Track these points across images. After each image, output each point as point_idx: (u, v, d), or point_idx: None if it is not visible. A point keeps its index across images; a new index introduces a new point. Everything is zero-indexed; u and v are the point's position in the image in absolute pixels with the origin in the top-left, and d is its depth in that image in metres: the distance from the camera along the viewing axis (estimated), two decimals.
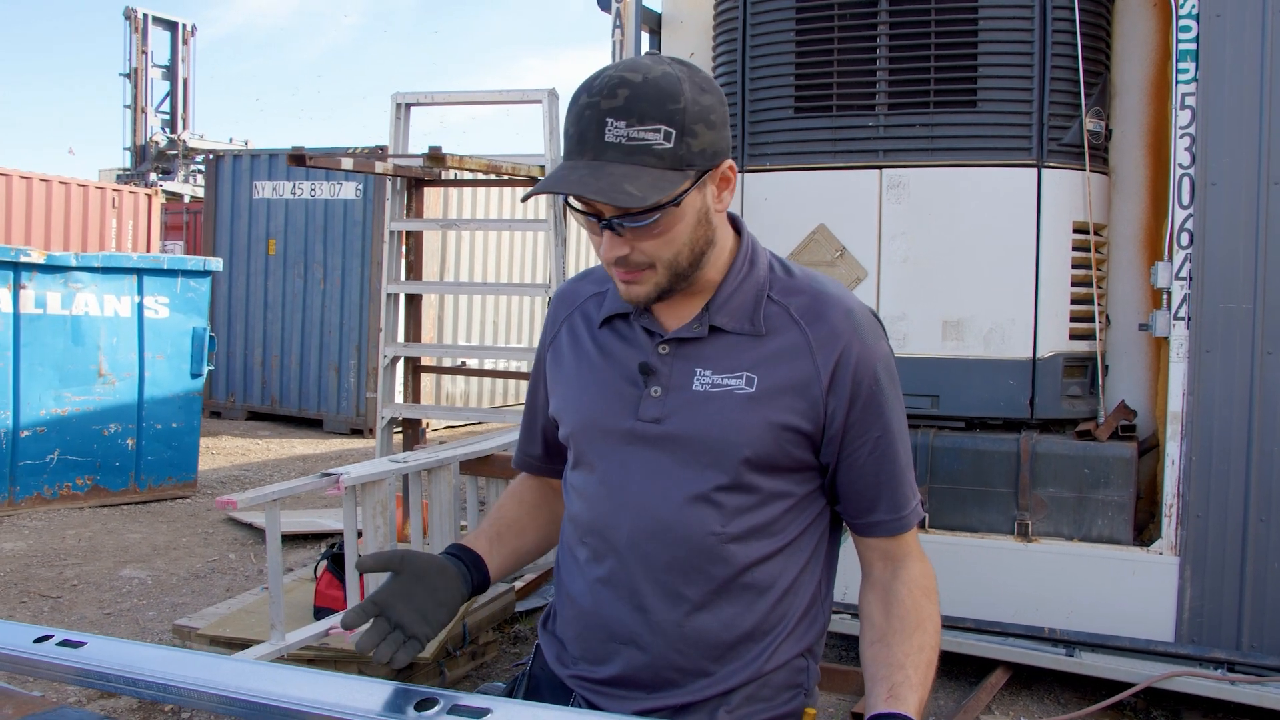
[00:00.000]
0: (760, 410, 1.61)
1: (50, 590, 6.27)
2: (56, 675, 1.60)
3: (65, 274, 8.12)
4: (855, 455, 1.66)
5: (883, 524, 1.70)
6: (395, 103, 6.27)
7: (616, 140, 1.48)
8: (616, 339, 1.72)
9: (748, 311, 1.65)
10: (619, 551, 1.67)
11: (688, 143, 1.50)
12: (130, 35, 25.18)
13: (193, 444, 9.04)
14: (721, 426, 1.61)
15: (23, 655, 1.62)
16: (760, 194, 5.43)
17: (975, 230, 5.00)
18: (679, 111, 1.49)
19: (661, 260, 1.57)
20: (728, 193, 1.61)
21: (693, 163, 1.51)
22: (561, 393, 1.78)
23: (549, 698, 1.76)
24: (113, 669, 1.55)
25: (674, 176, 1.50)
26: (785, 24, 5.31)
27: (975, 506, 5.06)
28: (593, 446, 1.71)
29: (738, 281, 1.67)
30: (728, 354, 1.64)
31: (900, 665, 1.57)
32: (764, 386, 1.61)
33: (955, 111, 5.01)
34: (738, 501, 1.63)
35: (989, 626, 4.90)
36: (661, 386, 1.65)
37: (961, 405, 5.10)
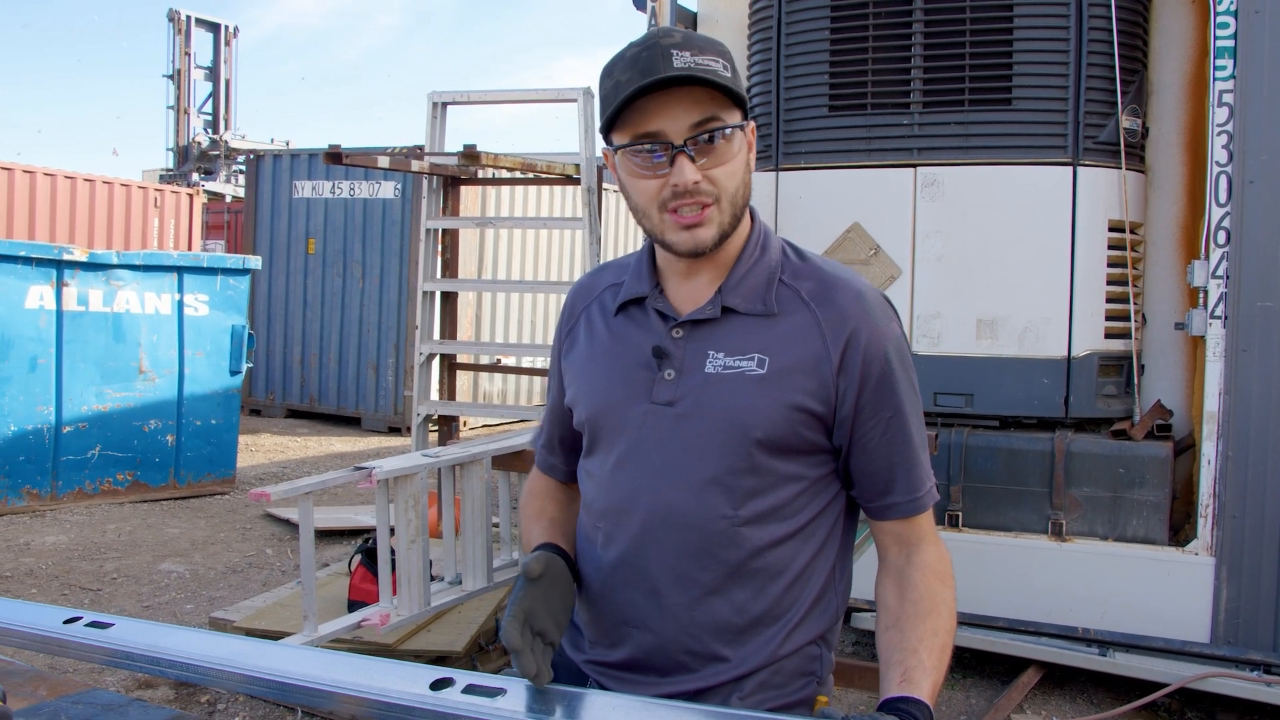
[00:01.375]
0: (771, 391, 1.61)
1: (90, 583, 6.35)
2: (85, 655, 1.64)
3: (107, 272, 8.23)
4: (868, 437, 1.66)
5: (897, 506, 1.69)
6: (432, 102, 6.31)
7: (686, 66, 1.53)
8: (631, 324, 1.73)
9: (760, 293, 1.66)
10: (631, 535, 1.68)
11: (737, 81, 1.58)
12: (173, 37, 25.45)
13: (231, 441, 9.14)
14: (733, 408, 1.61)
15: (53, 635, 1.67)
16: (794, 192, 5.43)
17: (1010, 229, 4.99)
18: (728, 54, 1.59)
19: (726, 191, 1.60)
20: (753, 155, 1.65)
21: (743, 105, 1.60)
22: (576, 380, 1.80)
23: (565, 682, 1.76)
24: (138, 648, 1.59)
25: (739, 97, 1.58)
26: (820, 23, 5.31)
27: (1009, 506, 5.04)
28: (606, 431, 1.72)
29: (750, 263, 1.68)
30: (740, 335, 1.65)
31: (914, 650, 1.57)
32: (775, 368, 1.62)
33: (990, 109, 5.00)
34: (750, 484, 1.63)
35: (1022, 626, 4.87)
36: (675, 369, 1.66)
37: (995, 404, 5.08)
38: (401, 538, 3.96)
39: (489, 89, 7.85)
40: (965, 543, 5.03)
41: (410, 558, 3.98)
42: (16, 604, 1.83)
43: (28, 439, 7.91)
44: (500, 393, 13.59)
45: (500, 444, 4.51)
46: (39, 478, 8.00)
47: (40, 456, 8.00)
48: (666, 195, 1.58)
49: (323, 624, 3.85)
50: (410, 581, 3.99)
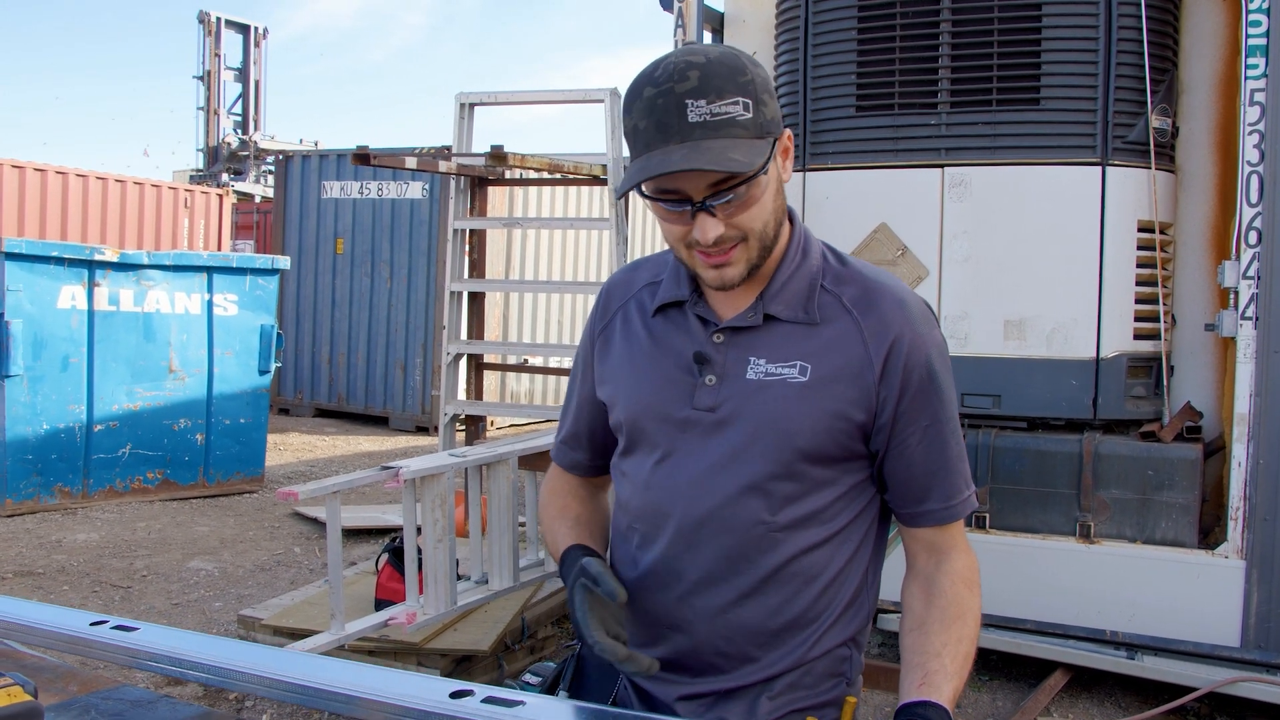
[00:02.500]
0: (814, 399, 1.61)
1: (121, 580, 6.41)
2: (110, 656, 1.67)
3: (138, 272, 8.30)
4: (906, 444, 1.65)
5: (932, 513, 1.69)
6: (459, 103, 6.33)
7: (701, 119, 1.50)
8: (671, 327, 1.72)
9: (801, 300, 1.65)
10: (668, 538, 1.68)
11: (762, 111, 1.53)
12: (204, 38, 25.63)
13: (260, 439, 9.20)
14: (775, 416, 1.61)
15: (81, 636, 1.71)
16: (822, 192, 5.42)
17: (1038, 229, 4.96)
18: (749, 83, 1.52)
19: (753, 231, 1.59)
20: (789, 162, 1.62)
21: (769, 130, 1.55)
22: (613, 380, 1.79)
23: (596, 680, 1.78)
24: (160, 650, 1.62)
25: (760, 145, 1.53)
26: (847, 23, 5.30)
27: (1037, 507, 5.02)
28: (646, 434, 1.72)
29: (791, 270, 1.67)
30: (782, 343, 1.64)
31: (936, 654, 1.57)
32: (817, 375, 1.61)
33: (1018, 109, 4.98)
34: (788, 490, 1.63)
35: (1049, 628, 4.85)
36: (716, 375, 1.65)
37: (1023, 405, 5.06)
38: (428, 537, 3.98)
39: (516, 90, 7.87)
40: (993, 544, 5.01)
41: (436, 557, 4.00)
42: (45, 607, 1.87)
43: (60, 437, 7.98)
44: (527, 393, 13.62)
45: (527, 444, 4.53)
46: (71, 476, 8.08)
47: (72, 455, 8.07)
48: (693, 239, 1.59)
49: (350, 622, 3.87)
50: (436, 580, 4.01)
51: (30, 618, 1.80)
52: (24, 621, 1.79)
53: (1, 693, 1.29)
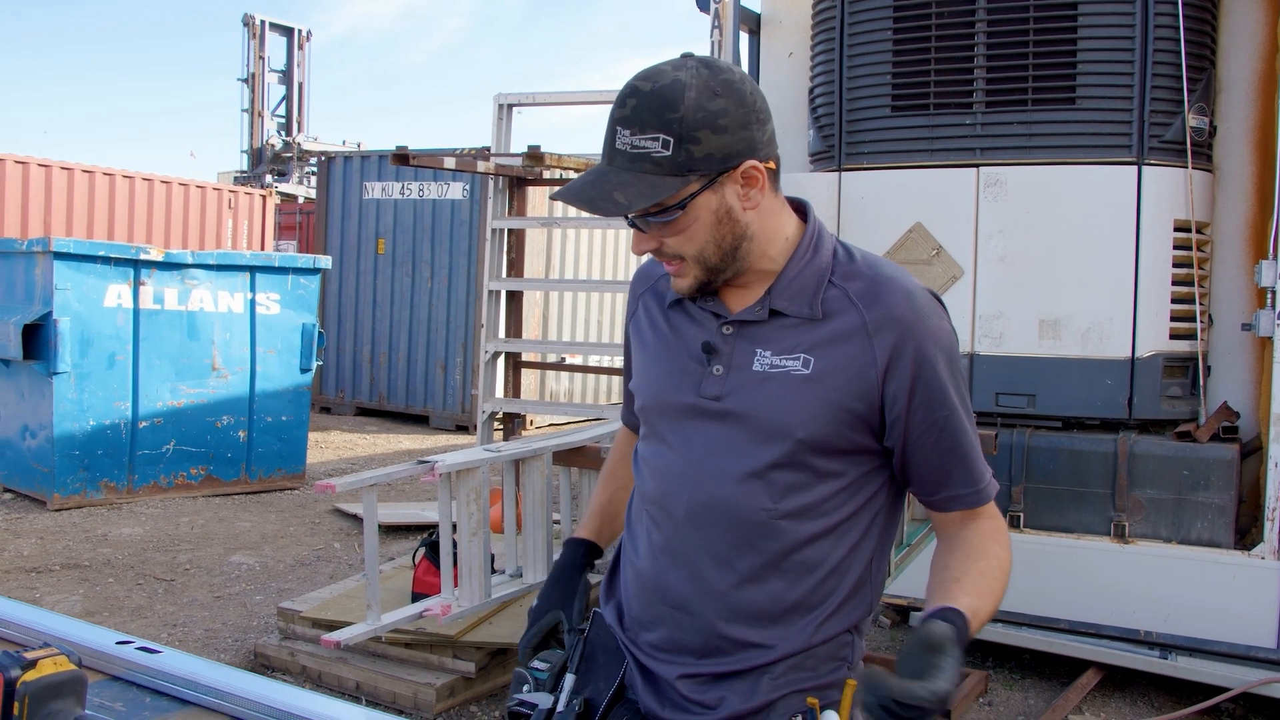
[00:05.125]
0: (815, 392, 1.64)
1: (164, 574, 6.51)
2: (132, 675, 1.78)
3: (182, 271, 8.42)
4: (923, 439, 1.67)
5: (960, 498, 1.71)
6: (497, 104, 6.40)
7: (623, 148, 1.57)
8: (685, 317, 1.77)
9: (807, 296, 1.68)
10: (677, 522, 1.73)
11: (688, 149, 1.55)
12: (248, 41, 25.88)
13: (301, 437, 9.31)
14: (777, 407, 1.65)
15: (106, 653, 1.82)
16: (857, 192, 5.44)
17: (1074, 228, 4.96)
18: (677, 120, 1.54)
19: (687, 254, 1.64)
20: (757, 191, 1.62)
21: (694, 168, 1.56)
22: (638, 368, 1.86)
23: (604, 662, 1.82)
24: (179, 673, 1.73)
25: (672, 182, 1.56)
26: (882, 23, 5.31)
27: (1071, 507, 5.02)
28: (659, 420, 1.78)
29: (800, 267, 1.70)
30: (787, 336, 1.67)
31: (956, 579, 1.62)
32: (820, 368, 1.64)
33: (1054, 108, 4.98)
34: (790, 479, 1.66)
35: (1082, 627, 4.85)
36: (723, 365, 1.69)
37: (1058, 405, 5.05)
38: (463, 530, 4.04)
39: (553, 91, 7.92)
40: (1027, 544, 5.01)
41: (471, 550, 4.05)
42: (74, 621, 1.99)
43: (105, 434, 8.12)
44: (566, 391, 13.69)
45: (561, 440, 4.58)
46: (116, 471, 8.21)
47: (118, 451, 8.21)
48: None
49: (386, 614, 3.94)
50: (471, 573, 4.07)
51: (61, 630, 1.91)
52: (54, 632, 1.89)
53: (48, 661, 1.35)
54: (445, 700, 4.54)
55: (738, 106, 1.58)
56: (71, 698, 1.36)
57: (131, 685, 1.79)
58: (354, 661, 4.74)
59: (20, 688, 1.31)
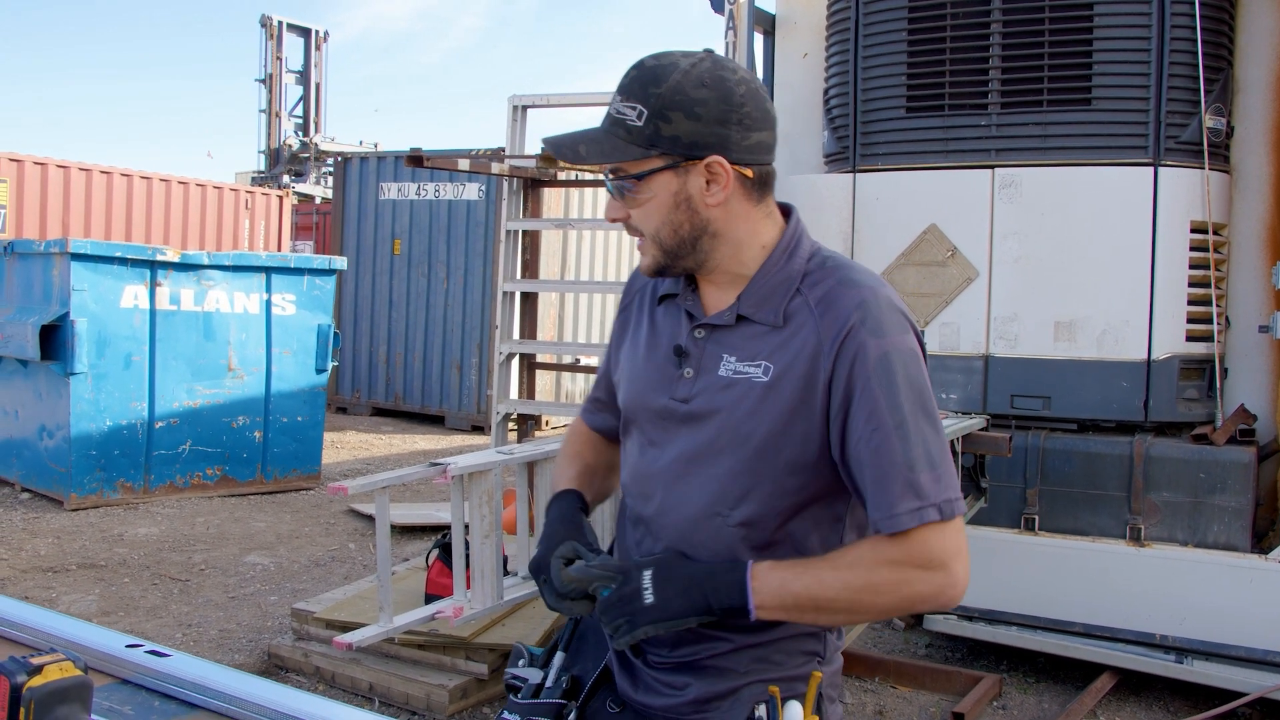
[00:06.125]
0: (772, 399, 1.65)
1: (180, 573, 6.53)
2: (140, 679, 1.79)
3: (198, 272, 8.44)
4: (856, 453, 1.62)
5: (874, 522, 1.62)
6: (511, 105, 6.40)
7: (610, 112, 1.66)
8: (668, 318, 1.81)
9: (773, 303, 1.69)
10: (649, 518, 1.77)
11: (657, 125, 1.61)
12: (266, 42, 25.95)
13: (317, 437, 9.33)
14: (736, 413, 1.67)
15: (116, 656, 1.84)
16: (872, 194, 5.43)
17: (1089, 230, 4.93)
18: (656, 95, 1.61)
19: (646, 231, 1.71)
20: (720, 189, 1.65)
21: (658, 144, 1.62)
22: (623, 363, 1.89)
23: (594, 642, 1.87)
24: (188, 677, 1.74)
25: (636, 151, 1.62)
26: (897, 24, 5.30)
27: (1087, 510, 4.99)
28: (636, 419, 1.82)
29: (770, 274, 1.71)
30: (751, 343, 1.69)
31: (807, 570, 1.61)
32: (777, 376, 1.65)
33: (1069, 109, 4.95)
34: (747, 486, 1.67)
35: (1098, 631, 4.82)
36: (693, 369, 1.72)
37: (1073, 407, 5.03)
38: (475, 532, 4.03)
39: (567, 92, 7.91)
40: (1042, 546, 4.99)
41: (484, 552, 4.05)
42: (86, 625, 2.01)
43: (122, 434, 8.15)
44: (582, 392, 13.67)
45: None
46: (133, 471, 8.24)
47: (134, 451, 8.24)
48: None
49: (398, 615, 3.93)
50: (484, 576, 4.06)
51: (71, 633, 1.93)
52: (64, 635, 1.92)
53: (54, 667, 1.35)
54: (458, 701, 4.55)
55: (720, 102, 1.62)
56: (77, 703, 1.36)
57: (141, 689, 1.80)
58: (367, 663, 4.75)
59: (26, 693, 1.32)
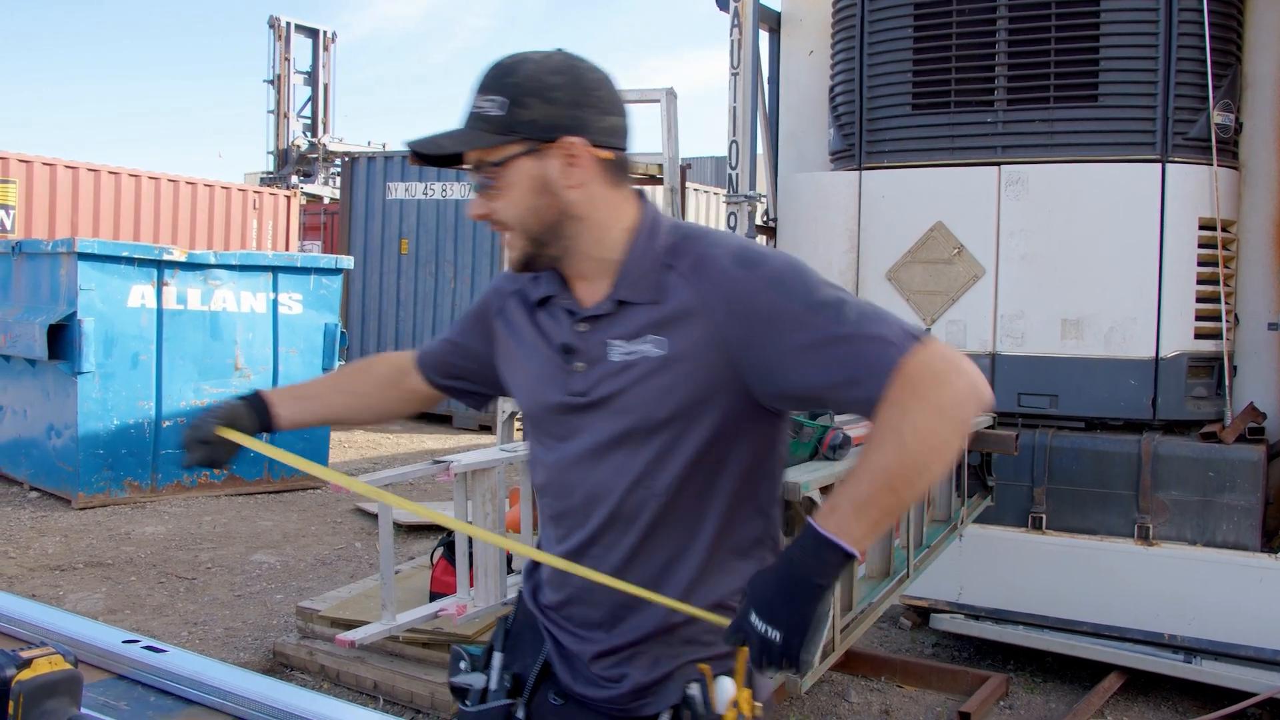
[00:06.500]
0: (674, 369, 1.67)
1: (186, 572, 6.53)
2: (136, 674, 1.79)
3: (205, 271, 8.45)
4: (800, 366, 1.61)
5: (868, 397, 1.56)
6: None
7: (469, 108, 1.69)
8: (550, 319, 1.82)
9: (648, 281, 1.72)
10: (573, 510, 1.79)
11: (515, 112, 1.65)
12: (274, 43, 25.94)
13: (323, 436, 9.33)
14: (642, 391, 1.69)
15: (113, 651, 1.84)
16: (878, 191, 5.41)
17: (1096, 227, 4.91)
18: (511, 84, 1.66)
19: (509, 220, 1.71)
20: (578, 170, 1.68)
21: (517, 129, 1.65)
22: (510, 373, 1.92)
23: (529, 638, 1.89)
24: (184, 673, 1.75)
25: (496, 139, 1.66)
26: (903, 20, 5.28)
27: (1094, 508, 4.97)
28: (538, 422, 1.85)
29: (638, 254, 1.73)
30: (635, 323, 1.71)
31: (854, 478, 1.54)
32: (671, 346, 1.68)
33: (1076, 106, 4.93)
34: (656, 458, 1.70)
35: (1105, 630, 4.80)
36: (584, 361, 1.75)
37: (1081, 405, 5.01)
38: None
39: None
40: (1049, 545, 4.97)
41: (487, 550, 4.03)
42: (85, 621, 2.01)
43: (129, 433, 8.15)
44: None
45: None
46: (140, 470, 8.25)
47: (141, 450, 8.24)
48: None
49: (401, 613, 3.92)
50: (487, 573, 4.05)
51: (69, 629, 1.94)
52: (63, 631, 1.92)
53: (43, 660, 1.35)
54: None
55: (574, 85, 1.68)
56: (66, 697, 1.36)
57: (137, 684, 1.80)
58: (371, 661, 4.74)
59: (15, 687, 1.32)
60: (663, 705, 1.71)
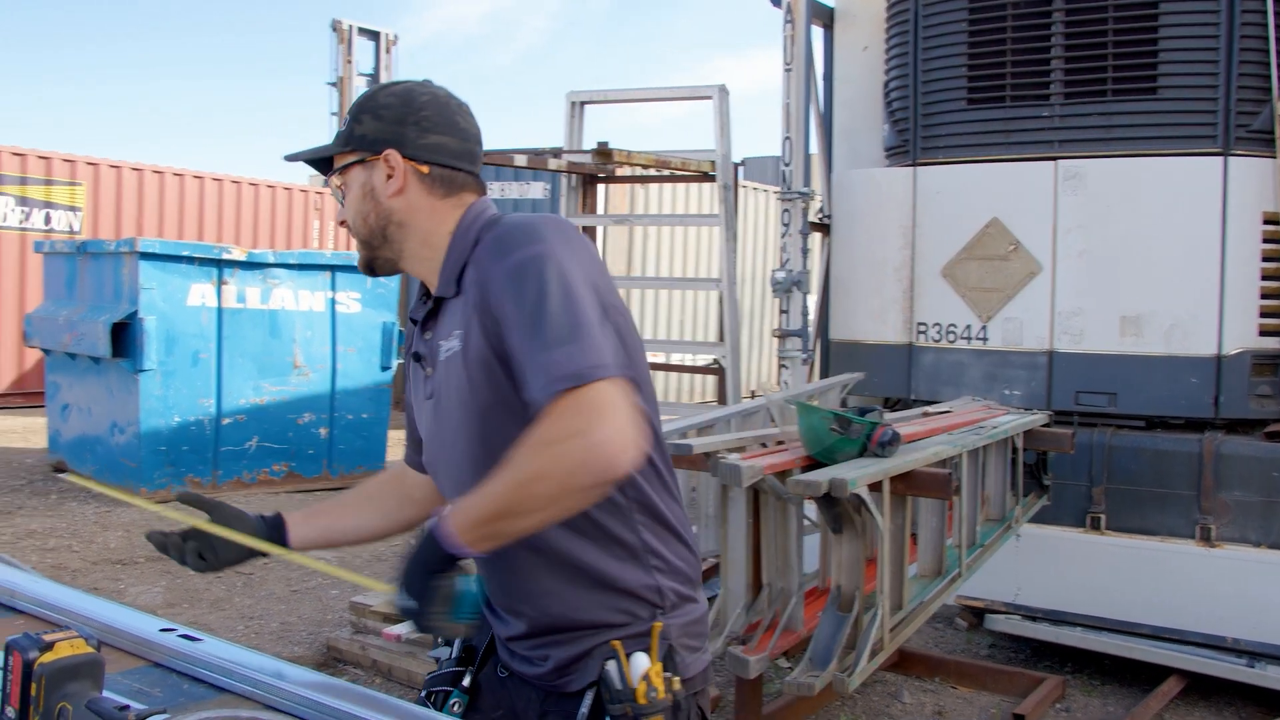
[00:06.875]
0: (468, 359, 1.75)
1: (244, 567, 6.59)
2: (173, 662, 1.81)
3: (264, 270, 8.54)
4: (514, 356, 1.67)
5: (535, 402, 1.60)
6: (569, 101, 6.40)
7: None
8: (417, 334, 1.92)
9: (452, 278, 1.82)
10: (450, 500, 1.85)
11: (353, 127, 1.87)
12: (336, 46, 26.23)
13: (381, 434, 9.40)
14: (457, 387, 1.78)
15: (148, 639, 1.86)
16: (933, 187, 5.35)
17: (1156, 222, 4.83)
18: (358, 105, 1.89)
19: (349, 223, 1.90)
20: (395, 180, 1.83)
21: (352, 142, 1.86)
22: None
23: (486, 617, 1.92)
24: (217, 661, 1.76)
25: (336, 149, 1.88)
26: (958, 14, 5.22)
27: (1154, 509, 4.88)
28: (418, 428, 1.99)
29: (452, 254, 1.83)
30: (447, 320, 1.82)
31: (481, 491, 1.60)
32: (463, 338, 1.76)
33: (1135, 99, 4.85)
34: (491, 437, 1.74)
35: (1165, 633, 4.71)
36: (431, 365, 1.86)
37: (1140, 404, 4.92)
38: None
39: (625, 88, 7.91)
40: (1108, 546, 4.89)
41: None
42: (123, 608, 2.04)
43: (190, 430, 8.26)
44: (660, 391, 13.63)
45: None
46: (200, 467, 8.35)
47: (202, 447, 8.35)
48: None
49: None
50: None
51: (106, 617, 1.97)
52: (101, 620, 1.95)
53: (65, 644, 1.36)
54: None
55: (401, 106, 1.85)
56: (88, 680, 1.37)
57: (171, 672, 1.81)
58: (422, 656, 4.76)
59: (38, 669, 1.34)
60: (584, 682, 1.76)
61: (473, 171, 1.88)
